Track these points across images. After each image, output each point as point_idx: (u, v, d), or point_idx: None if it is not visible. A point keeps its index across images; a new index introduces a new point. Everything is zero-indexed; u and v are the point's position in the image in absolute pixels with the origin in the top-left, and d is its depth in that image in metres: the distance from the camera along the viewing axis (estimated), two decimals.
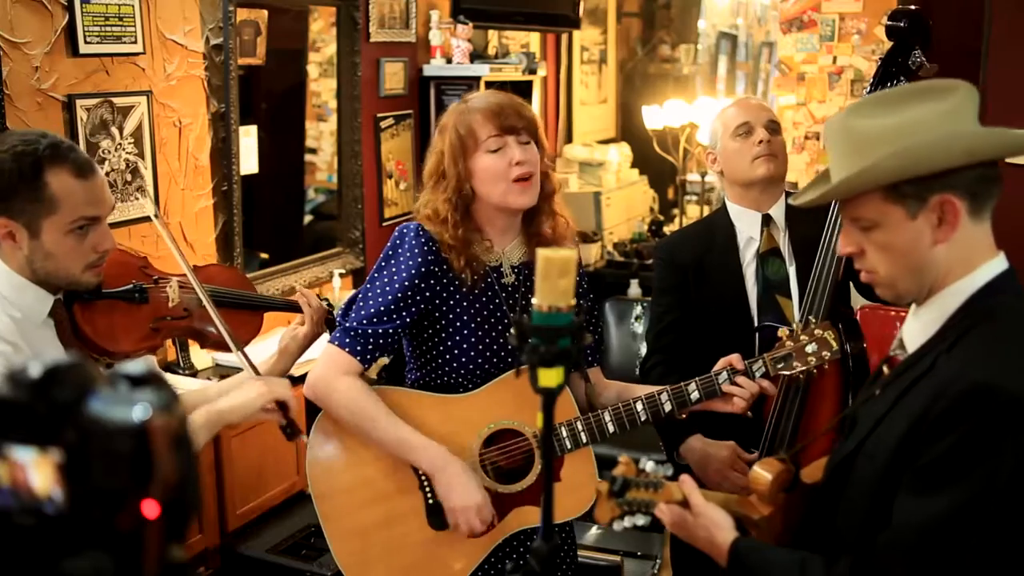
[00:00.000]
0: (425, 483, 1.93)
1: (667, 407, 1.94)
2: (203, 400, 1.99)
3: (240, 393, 1.87)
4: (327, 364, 1.93)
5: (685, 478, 1.53)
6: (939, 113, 1.35)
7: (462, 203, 1.94)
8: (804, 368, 1.95)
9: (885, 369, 1.54)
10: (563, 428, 1.91)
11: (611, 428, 1.93)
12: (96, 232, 1.75)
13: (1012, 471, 1.23)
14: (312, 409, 2.00)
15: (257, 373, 1.97)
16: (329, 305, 2.19)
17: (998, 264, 1.39)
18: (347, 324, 1.93)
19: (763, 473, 1.65)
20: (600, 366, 2.17)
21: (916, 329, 1.43)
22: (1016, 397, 1.23)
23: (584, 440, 1.92)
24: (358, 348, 1.91)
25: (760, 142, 2.33)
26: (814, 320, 2.03)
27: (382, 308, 1.91)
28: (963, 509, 1.25)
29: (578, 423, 1.92)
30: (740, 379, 1.94)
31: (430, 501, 1.93)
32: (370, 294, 1.94)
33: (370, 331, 1.91)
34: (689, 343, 2.36)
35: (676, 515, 1.50)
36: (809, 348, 1.95)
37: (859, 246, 1.42)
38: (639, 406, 1.94)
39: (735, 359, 1.97)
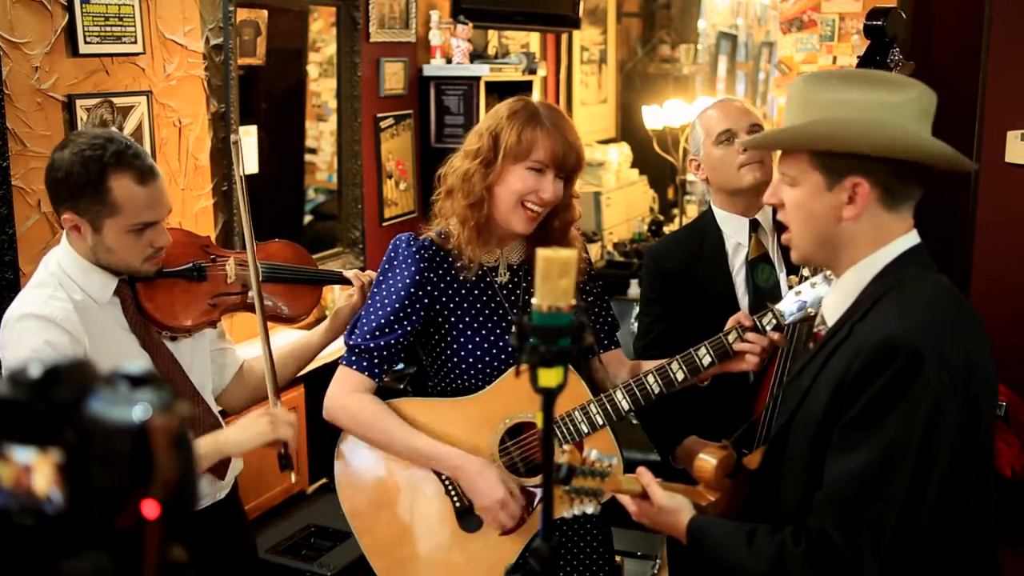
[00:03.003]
0: (450, 488, 1.96)
1: (679, 376, 1.93)
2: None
3: (244, 427, 1.97)
4: (337, 385, 1.98)
5: (642, 471, 1.64)
6: (882, 102, 1.42)
7: (490, 193, 1.94)
8: (818, 312, 1.90)
9: (811, 347, 1.59)
10: (578, 412, 1.92)
11: (625, 405, 1.93)
12: (153, 231, 1.92)
13: (925, 419, 1.32)
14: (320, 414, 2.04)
15: (271, 361, 2.06)
16: None
17: (909, 239, 1.48)
18: (351, 343, 1.97)
19: (707, 460, 1.73)
20: (618, 347, 2.18)
21: (833, 302, 1.53)
22: (916, 349, 1.33)
23: (600, 422, 1.92)
24: (365, 364, 1.95)
25: (745, 149, 2.27)
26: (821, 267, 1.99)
27: (383, 321, 1.94)
28: (882, 458, 1.34)
29: (591, 405, 1.92)
30: (750, 335, 1.92)
31: (457, 505, 1.96)
32: (371, 309, 1.97)
33: (372, 345, 1.94)
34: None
35: (638, 507, 1.64)
36: (821, 290, 1.89)
37: (780, 199, 1.52)
38: (651, 379, 1.93)
39: (742, 316, 1.95)
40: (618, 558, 3.09)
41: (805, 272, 1.95)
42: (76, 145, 1.85)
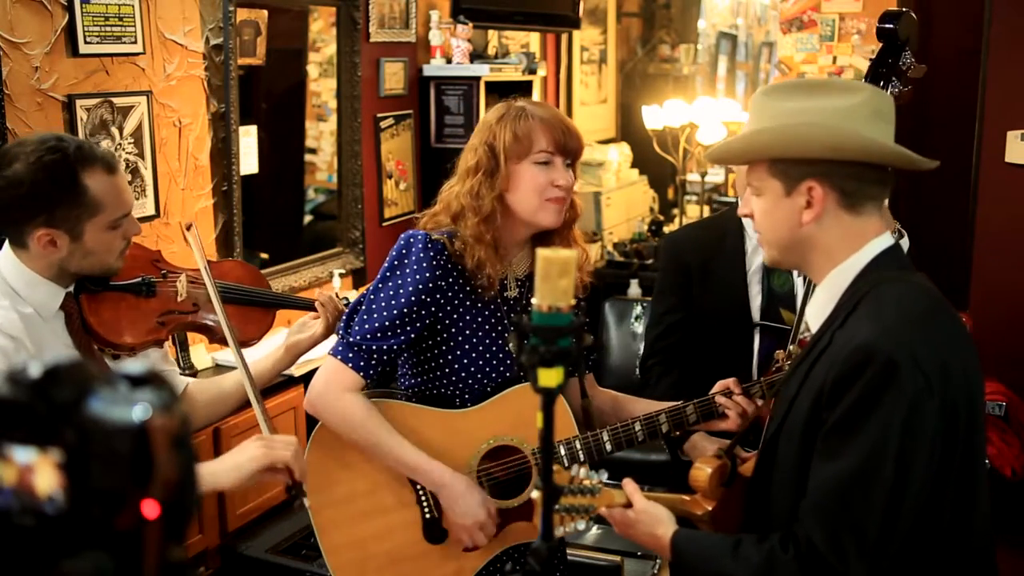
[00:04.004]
0: (423, 497, 1.94)
1: (664, 428, 1.95)
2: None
3: (234, 454, 1.76)
4: (329, 380, 1.90)
5: (627, 481, 1.63)
6: (831, 108, 1.45)
7: (501, 203, 1.90)
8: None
9: (798, 350, 1.61)
10: (562, 447, 1.91)
11: (608, 448, 1.93)
12: (128, 222, 1.82)
13: (902, 424, 1.34)
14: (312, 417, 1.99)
15: (250, 376, 1.93)
16: (347, 304, 2.14)
17: (882, 242, 1.49)
18: (350, 338, 1.89)
19: (702, 469, 1.72)
20: (592, 373, 2.17)
21: (815, 310, 1.54)
22: (890, 357, 1.34)
23: (582, 459, 1.92)
24: (361, 364, 1.88)
25: None
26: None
27: (387, 323, 1.87)
28: (862, 464, 1.35)
29: (576, 442, 1.92)
30: (737, 397, 1.93)
31: (427, 516, 1.94)
32: (374, 306, 1.89)
33: (374, 347, 1.87)
34: (689, 345, 2.34)
35: (619, 516, 1.61)
36: None
37: (751, 209, 1.56)
38: (637, 427, 1.94)
39: (732, 383, 1.96)
40: (618, 558, 3.09)
41: (792, 348, 1.99)
42: (27, 156, 1.69)
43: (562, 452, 1.91)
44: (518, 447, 1.94)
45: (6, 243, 1.80)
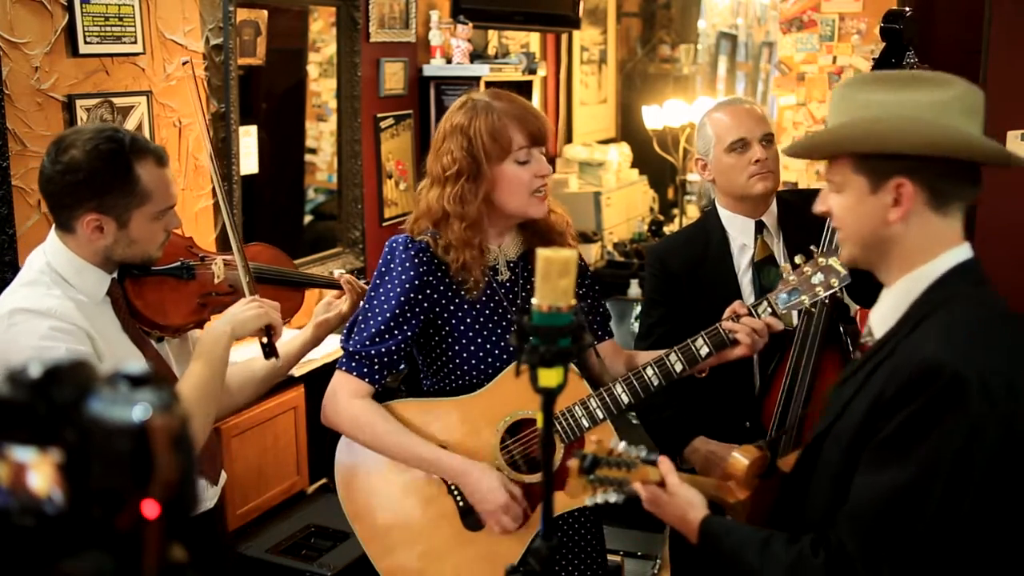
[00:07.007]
0: (453, 488, 1.97)
1: (678, 367, 1.93)
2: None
3: (240, 312, 1.95)
4: (336, 390, 1.96)
5: (663, 459, 1.59)
6: (924, 102, 1.38)
7: (487, 204, 1.92)
8: (813, 300, 1.89)
9: (858, 355, 1.61)
10: (578, 408, 1.92)
11: (625, 399, 1.92)
12: (171, 214, 1.90)
13: (960, 448, 1.27)
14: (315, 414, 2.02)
15: (244, 258, 2.07)
16: (366, 284, 2.22)
17: (961, 252, 1.42)
18: (350, 348, 1.95)
19: (740, 458, 1.71)
20: (611, 337, 2.17)
21: (882, 315, 1.47)
22: (957, 374, 1.27)
23: (601, 416, 1.92)
24: (365, 370, 1.94)
25: (757, 160, 2.26)
26: (816, 250, 1.96)
27: (382, 327, 1.92)
28: (909, 483, 1.29)
29: (591, 400, 1.92)
30: (745, 319, 1.91)
31: (460, 504, 1.96)
32: (369, 314, 1.95)
33: (373, 351, 1.92)
34: None
35: (651, 493, 1.58)
36: (815, 279, 1.89)
37: (828, 207, 1.48)
38: (649, 371, 1.93)
39: (738, 305, 1.95)
40: (618, 558, 3.09)
41: (798, 259, 1.93)
42: (84, 144, 1.78)
43: (579, 413, 1.92)
44: (535, 419, 1.94)
45: (51, 234, 1.88)
